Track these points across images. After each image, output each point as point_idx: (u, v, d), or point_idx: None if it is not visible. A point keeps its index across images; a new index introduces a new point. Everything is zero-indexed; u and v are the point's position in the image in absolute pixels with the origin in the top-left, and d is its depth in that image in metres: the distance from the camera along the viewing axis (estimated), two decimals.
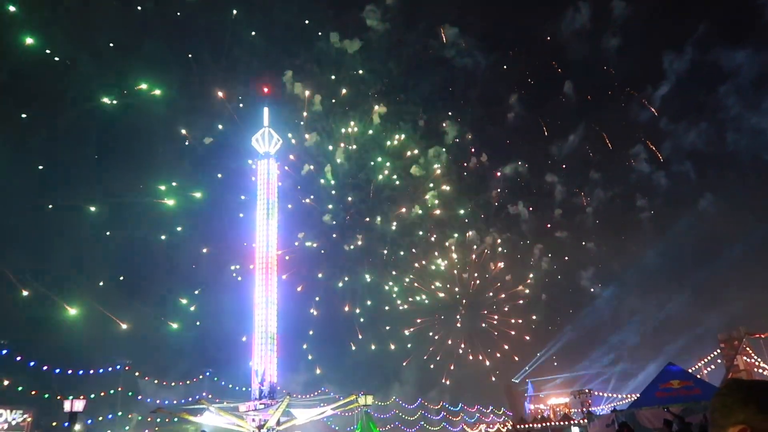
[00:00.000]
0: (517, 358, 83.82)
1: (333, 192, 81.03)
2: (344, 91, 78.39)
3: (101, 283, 62.59)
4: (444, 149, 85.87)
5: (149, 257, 68.34)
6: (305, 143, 77.46)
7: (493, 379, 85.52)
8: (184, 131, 68.03)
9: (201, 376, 55.83)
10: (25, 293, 58.50)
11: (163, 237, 64.49)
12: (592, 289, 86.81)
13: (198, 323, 62.74)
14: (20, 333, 52.65)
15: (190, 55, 69.41)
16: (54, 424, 42.34)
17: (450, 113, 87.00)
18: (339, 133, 79.70)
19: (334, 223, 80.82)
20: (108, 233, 61.90)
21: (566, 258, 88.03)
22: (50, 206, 58.61)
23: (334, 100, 77.91)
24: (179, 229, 66.27)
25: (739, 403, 2.25)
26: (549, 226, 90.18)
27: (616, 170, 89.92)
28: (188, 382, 53.89)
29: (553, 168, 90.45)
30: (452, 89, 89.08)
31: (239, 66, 70.79)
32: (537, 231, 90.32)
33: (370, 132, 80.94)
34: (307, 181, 78.65)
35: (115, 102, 57.31)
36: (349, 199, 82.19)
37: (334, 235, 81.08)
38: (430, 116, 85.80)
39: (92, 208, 59.26)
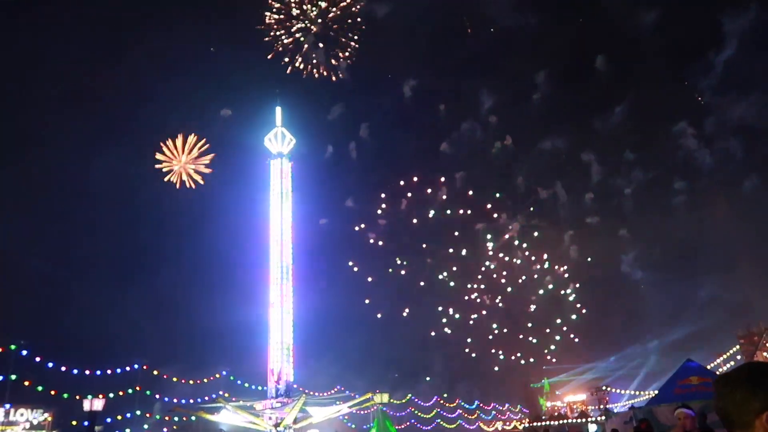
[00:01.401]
0: (532, 358, 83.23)
1: (356, 174, 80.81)
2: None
3: (119, 284, 63.45)
4: (475, 124, 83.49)
5: (166, 257, 69.11)
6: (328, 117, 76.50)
7: (510, 376, 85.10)
8: None
9: (218, 375, 56.18)
10: (44, 294, 59.51)
11: (180, 234, 65.02)
12: (627, 276, 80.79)
13: (215, 323, 63.31)
14: (40, 334, 53.49)
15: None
16: (74, 423, 42.85)
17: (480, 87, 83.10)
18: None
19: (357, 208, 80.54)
20: (127, 233, 62.71)
21: (599, 245, 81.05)
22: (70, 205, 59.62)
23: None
24: (195, 228, 66.86)
25: (748, 392, 2.22)
26: (583, 210, 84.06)
27: (655, 148, 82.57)
28: (205, 380, 54.27)
29: (590, 147, 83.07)
30: (484, 61, 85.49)
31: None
32: (569, 216, 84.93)
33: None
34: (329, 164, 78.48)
35: None
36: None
37: (362, 225, 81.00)
38: (461, 89, 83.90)
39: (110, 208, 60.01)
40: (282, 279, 45.99)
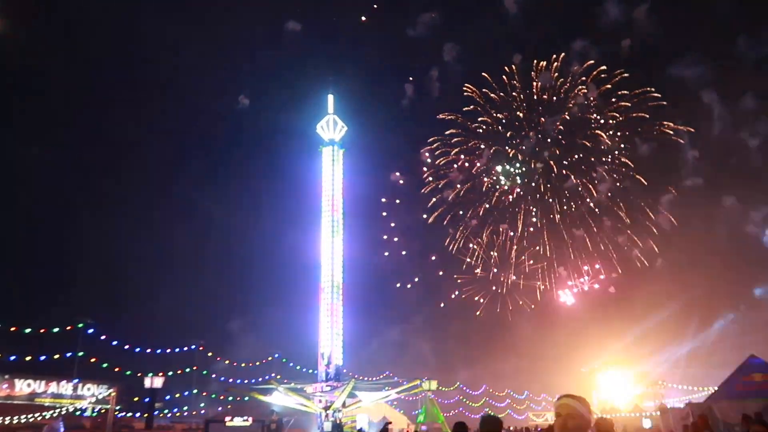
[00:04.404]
0: (587, 348, 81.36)
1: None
2: None
3: (182, 270, 65.84)
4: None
5: (225, 246, 71.32)
6: None
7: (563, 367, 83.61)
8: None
9: (270, 358, 57.71)
10: (112, 277, 62.40)
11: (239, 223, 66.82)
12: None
13: (268, 307, 65.03)
14: (105, 313, 56.30)
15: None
16: (135, 399, 44.96)
17: None
18: None
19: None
20: (192, 225, 65.11)
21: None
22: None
23: None
24: (252, 217, 68.60)
25: None
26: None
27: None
28: (258, 363, 55.87)
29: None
30: None
31: None
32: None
33: None
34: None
35: None
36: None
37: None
38: None
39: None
40: (332, 265, 46.56)
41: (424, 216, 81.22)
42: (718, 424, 23.31)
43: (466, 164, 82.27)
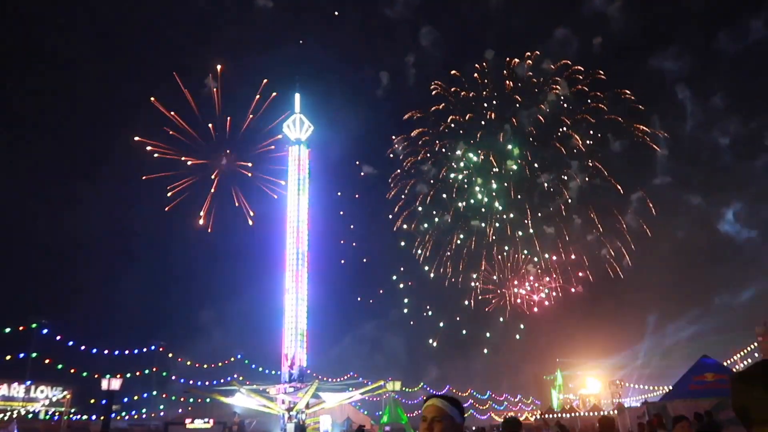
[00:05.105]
0: (548, 345, 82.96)
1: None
2: None
3: (138, 267, 64.31)
4: None
5: (184, 242, 69.86)
6: None
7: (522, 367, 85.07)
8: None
9: (233, 359, 56.94)
10: (66, 274, 60.56)
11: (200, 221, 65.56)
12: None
13: (231, 307, 64.06)
14: (60, 313, 54.58)
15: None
16: (92, 401, 43.79)
17: None
18: None
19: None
20: (147, 218, 63.57)
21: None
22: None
23: None
24: (214, 214, 67.41)
25: (766, 389, 2.19)
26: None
27: None
28: (220, 364, 55.05)
29: None
30: None
31: None
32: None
33: None
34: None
35: None
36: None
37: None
38: None
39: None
40: (297, 265, 46.24)
41: (390, 217, 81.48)
42: (671, 422, 24.03)
43: (432, 165, 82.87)
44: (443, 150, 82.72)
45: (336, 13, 77.55)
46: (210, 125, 66.19)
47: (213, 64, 65.83)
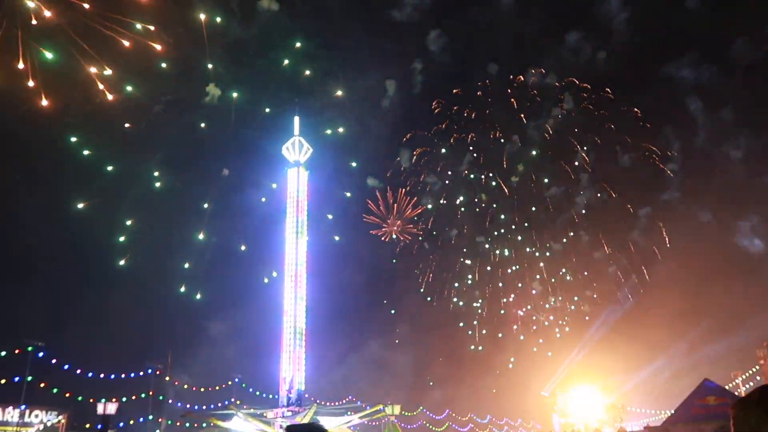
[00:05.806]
0: (547, 368, 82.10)
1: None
2: None
3: (135, 290, 63.86)
4: None
5: (181, 265, 69.52)
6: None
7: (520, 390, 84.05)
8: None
9: (230, 383, 56.35)
10: (61, 298, 60.18)
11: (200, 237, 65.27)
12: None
13: (228, 331, 63.52)
14: (56, 336, 53.99)
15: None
16: (87, 425, 43.21)
17: None
18: None
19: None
20: (141, 239, 63.26)
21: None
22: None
23: None
24: (211, 235, 67.26)
25: (762, 415, 2.16)
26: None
27: None
28: (217, 387, 54.43)
29: None
30: None
31: None
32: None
33: None
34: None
35: None
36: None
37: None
38: None
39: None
40: (296, 287, 46.11)
41: (393, 237, 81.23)
42: None
43: (436, 184, 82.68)
44: (447, 171, 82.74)
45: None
46: None
47: None
